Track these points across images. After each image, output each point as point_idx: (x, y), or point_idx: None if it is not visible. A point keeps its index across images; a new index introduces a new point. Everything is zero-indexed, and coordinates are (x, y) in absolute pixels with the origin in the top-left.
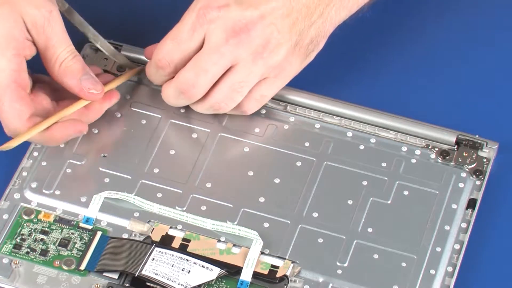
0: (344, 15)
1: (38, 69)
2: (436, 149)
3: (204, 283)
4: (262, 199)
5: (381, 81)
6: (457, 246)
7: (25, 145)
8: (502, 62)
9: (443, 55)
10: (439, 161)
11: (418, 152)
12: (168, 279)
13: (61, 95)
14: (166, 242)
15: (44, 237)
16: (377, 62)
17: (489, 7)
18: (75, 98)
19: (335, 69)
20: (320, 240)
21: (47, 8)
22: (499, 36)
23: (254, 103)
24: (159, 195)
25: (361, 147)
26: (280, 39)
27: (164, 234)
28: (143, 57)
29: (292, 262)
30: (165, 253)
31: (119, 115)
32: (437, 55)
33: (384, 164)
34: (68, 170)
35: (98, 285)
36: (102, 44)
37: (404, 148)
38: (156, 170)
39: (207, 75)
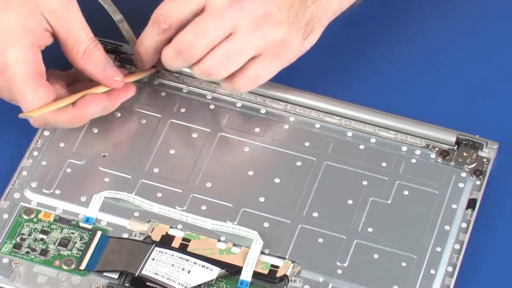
0: (335, 5)
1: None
2: (436, 149)
3: (204, 283)
4: (262, 199)
5: (381, 81)
6: (457, 246)
7: (25, 145)
8: (502, 62)
9: (443, 55)
10: (439, 161)
11: (418, 152)
12: (168, 279)
13: (72, 84)
14: (166, 242)
15: (44, 236)
16: (377, 62)
17: (489, 7)
18: (86, 87)
19: (335, 69)
20: (320, 240)
21: None
22: (499, 36)
23: (248, 81)
24: (159, 195)
25: (361, 147)
26: (279, 16)
27: (164, 234)
28: None
29: (292, 262)
30: (165, 253)
31: (119, 115)
32: (437, 55)
33: (384, 164)
34: (68, 170)
35: (98, 285)
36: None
37: (404, 148)
38: (156, 170)
39: (206, 38)
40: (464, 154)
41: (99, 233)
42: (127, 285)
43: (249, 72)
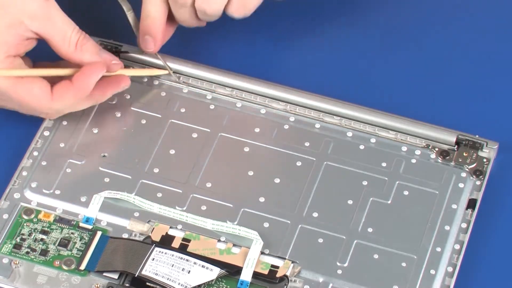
0: None
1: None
2: (436, 149)
3: (204, 283)
4: (262, 199)
5: (381, 81)
6: (457, 246)
7: (25, 145)
8: (502, 62)
9: (443, 55)
10: (439, 161)
11: (418, 152)
12: (168, 279)
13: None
14: (166, 242)
15: (44, 237)
16: (377, 62)
17: (489, 7)
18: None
19: (335, 69)
20: (320, 240)
21: None
22: (499, 36)
23: (237, 8)
24: (159, 195)
25: (361, 147)
26: None
27: (164, 234)
28: (142, 57)
29: (292, 262)
30: (165, 253)
31: (119, 115)
32: (437, 55)
33: (384, 164)
34: (68, 170)
35: (98, 285)
36: None
37: (404, 148)
38: (156, 170)
39: None
40: (464, 154)
41: (99, 233)
42: (127, 285)
43: None
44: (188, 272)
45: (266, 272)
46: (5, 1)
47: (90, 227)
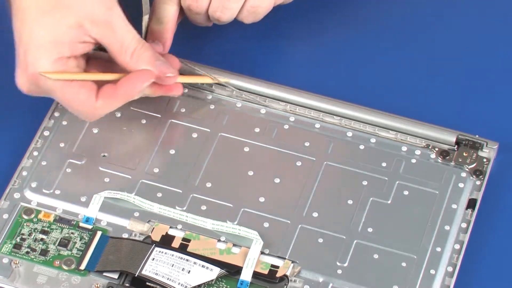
0: None
1: None
2: (436, 149)
3: (204, 283)
4: (262, 199)
5: (381, 81)
6: (457, 246)
7: (25, 145)
8: (502, 62)
9: (443, 55)
10: (439, 161)
11: (418, 152)
12: (168, 279)
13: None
14: (166, 242)
15: (44, 237)
16: (377, 62)
17: (489, 7)
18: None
19: (335, 69)
20: (320, 240)
21: (106, 6)
22: (499, 36)
23: (247, 14)
24: (159, 195)
25: (361, 147)
26: None
27: (164, 234)
28: None
29: (292, 262)
30: (165, 253)
31: (119, 115)
32: (437, 55)
33: (384, 164)
34: (68, 170)
35: (98, 285)
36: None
37: (404, 148)
38: (156, 170)
39: None
40: (464, 154)
41: (99, 233)
42: (127, 285)
43: (246, 5)
44: (188, 272)
45: (266, 272)
46: (69, 2)
47: (90, 227)
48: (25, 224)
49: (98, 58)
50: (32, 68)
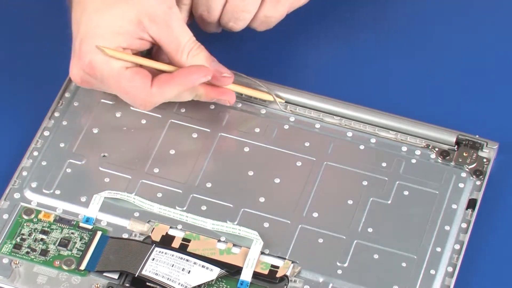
0: None
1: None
2: (436, 149)
3: (204, 283)
4: (262, 199)
5: (381, 81)
6: (457, 246)
7: (25, 145)
8: (502, 62)
9: (443, 55)
10: (439, 161)
11: (418, 152)
12: (168, 279)
13: None
14: (166, 242)
15: (44, 237)
16: (377, 62)
17: (489, 8)
18: None
19: (335, 69)
20: (320, 240)
21: (167, 5)
22: (499, 36)
23: (260, 23)
24: (159, 195)
25: (361, 147)
26: None
27: (164, 234)
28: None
29: (292, 262)
30: (165, 253)
31: (119, 115)
32: (437, 55)
33: (384, 164)
34: (68, 170)
35: (98, 285)
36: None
37: (404, 148)
38: (156, 170)
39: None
40: (464, 154)
41: (99, 233)
42: (127, 285)
43: (259, 15)
44: (188, 272)
45: (266, 272)
46: None
47: (90, 227)
48: (25, 224)
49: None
50: (88, 57)
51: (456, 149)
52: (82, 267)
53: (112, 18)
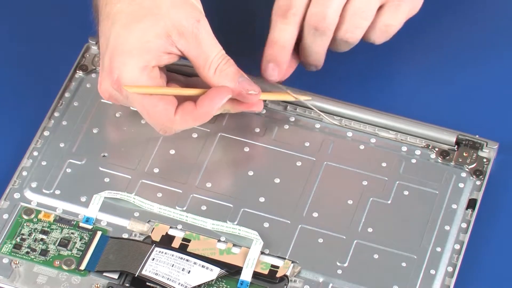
0: None
1: None
2: (436, 149)
3: (204, 283)
4: (262, 199)
5: (381, 81)
6: (457, 246)
7: (25, 145)
8: (502, 62)
9: (443, 55)
10: (439, 161)
11: (418, 152)
12: (168, 279)
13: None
14: (166, 242)
15: (44, 237)
16: (377, 62)
17: (489, 8)
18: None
19: (335, 69)
20: (320, 240)
21: (195, 18)
22: (499, 36)
23: (380, 34)
24: (159, 195)
25: (361, 147)
26: None
27: (164, 234)
28: None
29: (292, 262)
30: (165, 253)
31: (119, 115)
32: (437, 55)
33: (384, 164)
34: (68, 170)
35: (98, 285)
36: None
37: (404, 148)
38: (156, 170)
39: (332, 4)
40: (464, 154)
41: (99, 233)
42: (127, 285)
43: (379, 24)
44: (188, 272)
45: (266, 272)
46: (159, 11)
47: (90, 227)
48: (25, 224)
49: (175, 80)
50: (116, 73)
51: (456, 149)
52: (82, 267)
53: (140, 33)
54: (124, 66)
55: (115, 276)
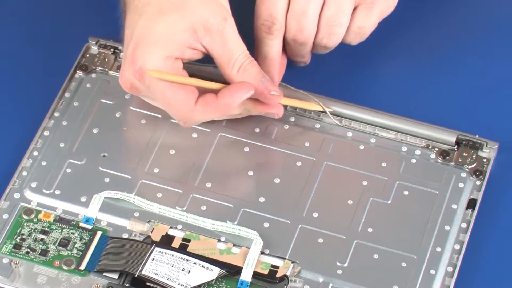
0: None
1: None
2: (436, 149)
3: (204, 283)
4: (262, 199)
5: (381, 81)
6: (457, 246)
7: (25, 145)
8: (502, 62)
9: (443, 55)
10: (439, 161)
11: (418, 152)
12: (168, 279)
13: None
14: (166, 242)
15: (44, 237)
16: (377, 62)
17: (489, 8)
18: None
19: (336, 69)
20: (320, 240)
21: (222, 16)
22: (499, 36)
23: (354, 36)
24: (159, 195)
25: (361, 147)
26: None
27: (164, 234)
28: None
29: (292, 262)
30: (165, 253)
31: (119, 115)
32: (437, 55)
33: (384, 164)
34: (68, 170)
35: (98, 285)
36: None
37: (404, 148)
38: (156, 170)
39: (308, 16)
40: (464, 154)
41: (99, 233)
42: (127, 285)
43: (352, 27)
44: (188, 272)
45: (266, 272)
46: (187, 6)
47: (90, 227)
48: (25, 224)
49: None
50: (140, 62)
51: (456, 149)
52: (82, 267)
53: (167, 25)
54: (147, 55)
55: (115, 276)
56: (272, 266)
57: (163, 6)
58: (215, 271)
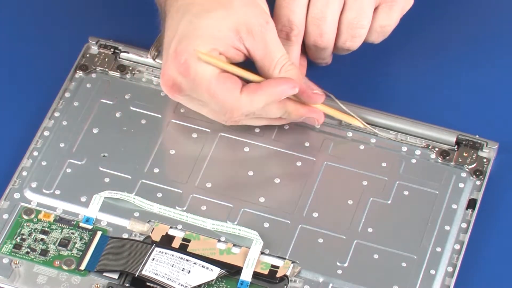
0: None
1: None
2: (436, 149)
3: (204, 283)
4: (262, 199)
5: (382, 81)
6: (457, 246)
7: (25, 145)
8: (502, 62)
9: (443, 55)
10: (439, 161)
11: (418, 152)
12: (168, 279)
13: None
14: (166, 242)
15: (44, 237)
16: (377, 62)
17: (489, 8)
18: None
19: (336, 69)
20: (320, 240)
21: (264, 19)
22: (499, 36)
23: (377, 35)
24: (159, 195)
25: (361, 147)
26: None
27: (164, 234)
28: (141, 58)
29: (292, 262)
30: (165, 253)
31: (119, 115)
32: (437, 55)
33: (384, 164)
34: (68, 170)
35: (98, 285)
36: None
37: (404, 148)
38: (156, 170)
39: (327, 20)
40: (464, 154)
41: (99, 233)
42: (127, 285)
43: (374, 26)
44: (188, 272)
45: (266, 272)
46: (231, 6)
47: (90, 227)
48: (25, 224)
49: None
50: (185, 55)
51: (456, 149)
52: (82, 267)
53: (212, 21)
54: (192, 50)
55: (115, 276)
56: (272, 266)
57: (208, 5)
58: (215, 271)
